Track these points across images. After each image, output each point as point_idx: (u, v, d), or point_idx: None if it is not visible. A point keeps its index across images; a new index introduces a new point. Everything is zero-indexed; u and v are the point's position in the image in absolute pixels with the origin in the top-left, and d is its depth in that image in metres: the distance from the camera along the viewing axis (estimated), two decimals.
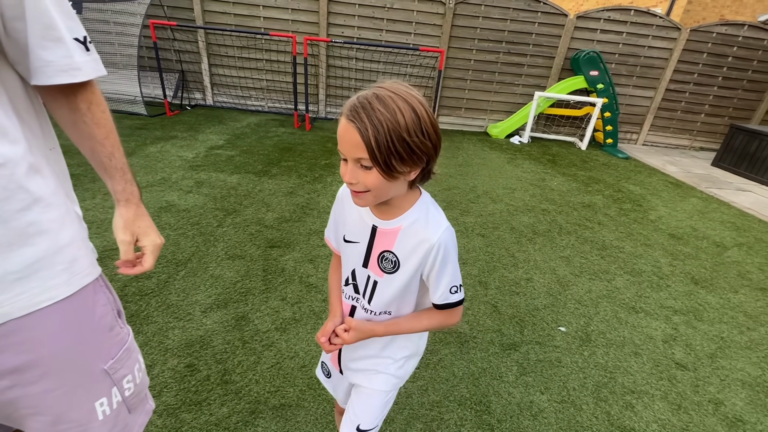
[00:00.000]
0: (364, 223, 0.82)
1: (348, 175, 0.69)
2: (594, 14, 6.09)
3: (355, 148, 0.65)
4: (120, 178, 0.77)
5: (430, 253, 0.76)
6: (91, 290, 0.70)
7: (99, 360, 0.71)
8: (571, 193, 4.15)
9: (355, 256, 0.85)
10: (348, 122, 0.65)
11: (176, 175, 3.52)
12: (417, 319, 0.86)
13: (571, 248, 2.96)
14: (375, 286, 0.84)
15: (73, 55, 0.65)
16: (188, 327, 1.80)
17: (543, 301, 2.28)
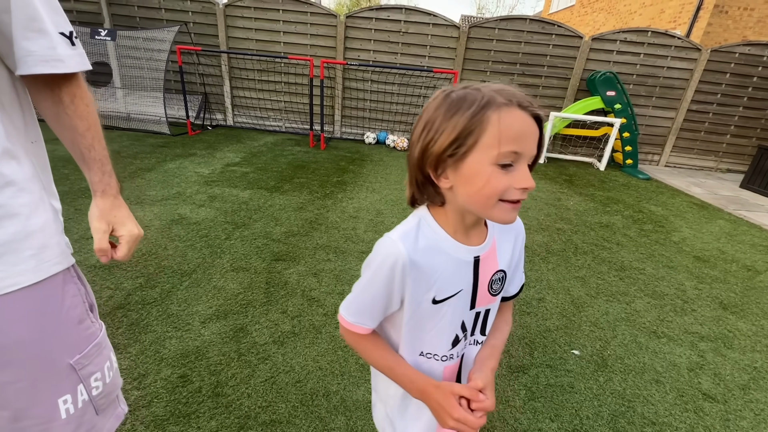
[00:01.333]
0: (462, 263, 0.64)
1: (530, 180, 0.55)
2: (610, 36, 6.08)
3: (536, 143, 0.56)
4: (98, 170, 0.77)
5: (517, 241, 0.71)
6: (61, 280, 0.69)
7: (65, 353, 0.69)
8: (588, 213, 4.01)
9: (460, 306, 0.66)
10: (526, 113, 0.54)
11: (191, 189, 3.61)
12: (502, 331, 0.76)
13: (587, 268, 2.83)
14: (488, 314, 0.72)
15: (56, 47, 0.66)
16: (186, 337, 1.78)
17: (555, 323, 2.16)
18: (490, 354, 0.71)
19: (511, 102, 0.54)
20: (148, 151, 4.75)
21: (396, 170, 4.99)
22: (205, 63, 6.42)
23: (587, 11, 12.63)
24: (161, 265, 2.35)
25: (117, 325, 1.81)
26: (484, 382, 0.64)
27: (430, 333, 0.67)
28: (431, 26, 6.08)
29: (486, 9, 24.40)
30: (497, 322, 0.76)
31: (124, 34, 5.97)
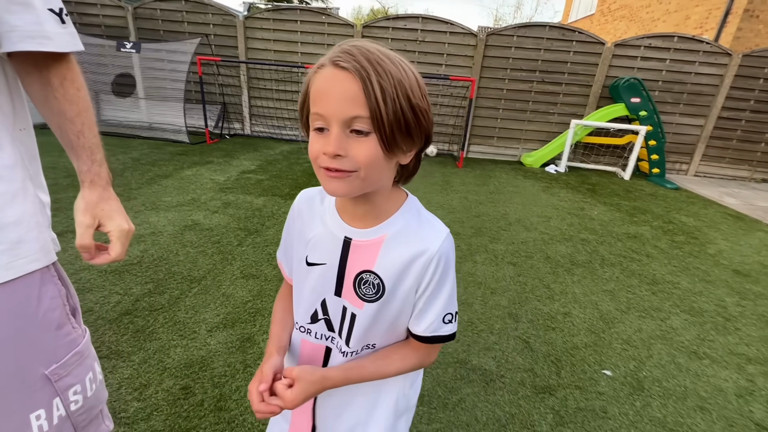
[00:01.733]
0: (332, 237, 0.62)
1: (333, 144, 0.48)
2: (633, 42, 5.90)
3: (350, 103, 0.47)
4: (86, 158, 0.70)
5: (428, 267, 0.58)
6: (38, 279, 0.62)
7: (38, 362, 0.62)
8: (614, 223, 3.81)
9: (323, 282, 0.63)
10: (338, 69, 0.47)
11: (206, 196, 3.60)
12: (386, 359, 0.64)
13: (616, 281, 2.64)
14: (353, 320, 0.62)
15: (43, 23, 0.60)
16: (191, 346, 1.71)
17: (584, 339, 2.00)
18: (347, 368, 0.63)
19: (326, 63, 0.49)
20: (166, 158, 4.82)
21: None
22: (225, 73, 6.54)
23: (608, 20, 12.42)
24: (171, 270, 2.30)
25: (122, 332, 1.76)
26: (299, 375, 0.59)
27: (299, 299, 0.68)
28: (448, 34, 6.04)
29: (503, 20, 24.35)
30: (393, 350, 0.66)
31: (148, 46, 6.15)
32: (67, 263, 2.25)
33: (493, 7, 40.84)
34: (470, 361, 1.77)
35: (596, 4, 13.08)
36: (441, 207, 3.87)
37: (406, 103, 0.49)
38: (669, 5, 9.52)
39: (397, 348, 0.66)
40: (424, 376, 1.64)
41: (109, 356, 1.61)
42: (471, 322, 2.07)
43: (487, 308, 2.21)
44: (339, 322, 0.64)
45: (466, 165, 5.97)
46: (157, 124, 6.59)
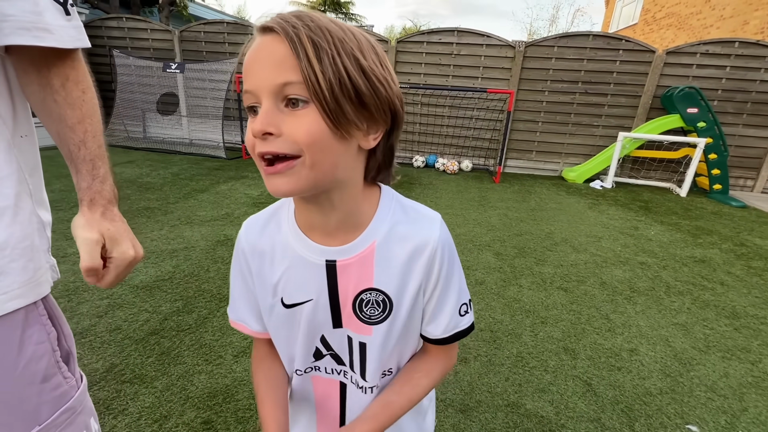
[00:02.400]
0: (309, 265, 0.50)
1: (260, 119, 0.38)
2: (688, 49, 5.49)
3: (278, 68, 0.37)
4: (87, 173, 0.59)
5: (433, 263, 0.50)
6: (21, 320, 0.50)
7: (18, 424, 0.49)
8: (676, 245, 3.42)
9: (314, 320, 0.53)
10: (265, 34, 0.38)
11: (239, 211, 3.59)
12: (411, 383, 0.56)
13: (688, 313, 2.30)
14: (363, 349, 0.54)
15: (42, 13, 0.50)
16: (216, 373, 1.59)
17: (657, 384, 1.70)
18: (376, 413, 0.53)
19: (255, 32, 0.40)
20: (204, 173, 4.92)
21: (447, 194, 4.71)
22: None
23: (653, 29, 11.83)
24: (201, 288, 2.23)
25: (148, 354, 1.68)
26: None
27: (288, 347, 0.57)
28: (484, 47, 5.89)
29: (537, 34, 23.95)
30: (413, 370, 0.57)
31: (191, 66, 6.43)
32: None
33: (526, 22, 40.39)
34: (523, 405, 1.54)
35: (639, 14, 12.53)
36: (479, 224, 3.65)
37: (353, 64, 0.39)
38: (723, 11, 8.91)
39: (416, 365, 0.58)
40: (470, 422, 1.43)
41: (133, 381, 1.52)
42: (521, 356, 1.83)
43: (538, 341, 1.96)
44: (348, 354, 0.55)
45: (504, 180, 5.70)
46: (197, 140, 6.82)
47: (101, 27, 6.74)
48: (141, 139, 6.81)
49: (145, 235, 2.90)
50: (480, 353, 1.84)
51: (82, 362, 1.59)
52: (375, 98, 0.41)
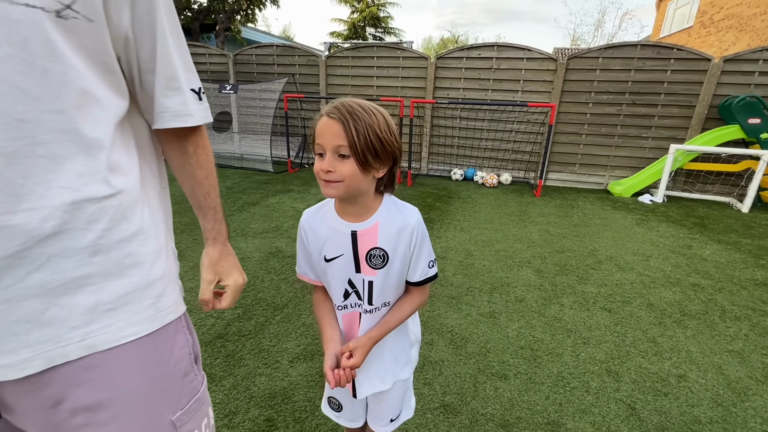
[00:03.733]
0: (341, 234, 0.86)
1: (326, 163, 0.75)
2: (748, 56, 5.17)
3: (336, 138, 0.73)
4: (211, 217, 0.78)
5: (411, 236, 0.86)
6: (173, 330, 0.67)
7: (168, 409, 0.66)
8: (734, 266, 3.24)
9: (344, 268, 0.87)
10: (329, 118, 0.74)
11: (287, 224, 3.84)
12: (401, 309, 0.92)
13: (745, 340, 2.20)
14: (371, 285, 0.88)
15: (187, 103, 0.69)
16: (274, 375, 1.77)
17: (707, 412, 1.67)
18: (380, 326, 0.90)
19: (324, 114, 0.76)
20: (254, 187, 5.28)
21: (486, 208, 4.73)
22: (307, 108, 7.09)
23: (710, 31, 11.13)
24: (258, 297, 2.45)
25: (215, 355, 1.89)
26: (354, 344, 0.86)
27: (331, 287, 0.91)
28: (525, 60, 5.88)
29: (581, 40, 23.17)
30: (401, 301, 0.93)
31: (243, 87, 6.94)
32: None
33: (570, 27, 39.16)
34: (564, 425, 1.57)
35: (695, 16, 11.84)
36: (518, 240, 3.65)
37: (374, 136, 0.75)
38: None
39: (403, 298, 0.94)
40: None
41: None
42: (561, 376, 1.86)
43: (580, 362, 1.97)
44: (364, 292, 0.89)
45: (545, 194, 5.61)
46: (247, 155, 7.31)
47: None
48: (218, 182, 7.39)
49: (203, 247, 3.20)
50: (520, 371, 1.88)
51: None
52: (384, 153, 0.78)
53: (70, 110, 0.52)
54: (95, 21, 0.53)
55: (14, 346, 0.52)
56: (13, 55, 0.46)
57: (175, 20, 0.66)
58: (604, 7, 32.29)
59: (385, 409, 1.02)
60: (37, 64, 0.48)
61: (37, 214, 0.50)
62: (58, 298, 0.54)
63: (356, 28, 20.56)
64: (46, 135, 0.50)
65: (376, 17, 20.38)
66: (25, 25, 0.46)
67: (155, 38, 0.62)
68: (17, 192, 0.48)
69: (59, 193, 0.51)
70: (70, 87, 0.52)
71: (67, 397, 0.56)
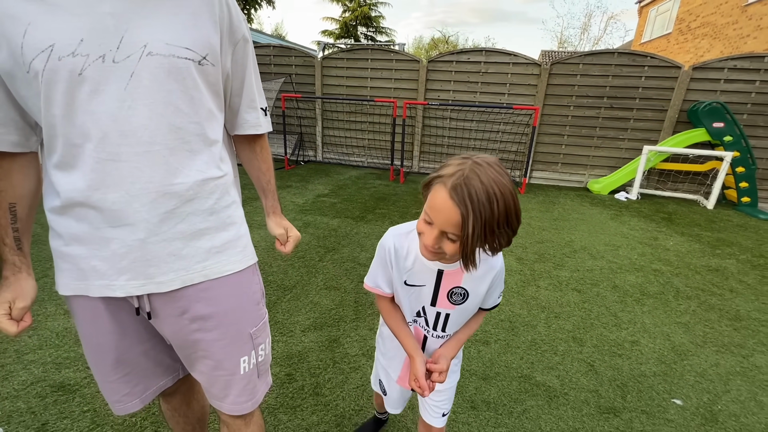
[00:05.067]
0: (428, 269, 0.92)
1: (433, 241, 0.77)
2: (715, 64, 5.60)
3: (451, 226, 0.73)
4: (271, 197, 1.09)
5: (494, 279, 0.94)
6: (252, 271, 0.96)
7: (249, 324, 0.94)
8: (693, 255, 3.63)
9: (421, 296, 0.96)
10: (450, 200, 0.71)
11: (289, 216, 4.11)
12: (470, 328, 1.04)
13: (692, 314, 2.57)
14: (447, 318, 0.98)
15: (259, 117, 0.98)
16: (290, 342, 2.06)
17: (652, 368, 2.01)
18: (453, 345, 1.01)
19: (447, 184, 0.72)
20: (253, 183, 5.51)
21: None
22: (303, 107, 7.34)
23: (687, 38, 11.69)
24: (268, 279, 2.73)
25: None
26: (440, 367, 0.95)
27: (402, 304, 1.01)
28: (511, 65, 6.23)
29: (568, 42, 23.79)
30: (469, 321, 1.03)
31: None
32: None
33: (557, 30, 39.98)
34: (534, 377, 1.90)
35: (674, 23, 12.40)
36: None
37: (489, 234, 0.73)
38: (761, 21, 8.79)
39: (472, 319, 1.04)
40: (489, 385, 1.81)
41: None
42: (534, 342, 2.18)
43: (551, 331, 2.30)
44: (434, 321, 1.00)
45: (529, 191, 5.98)
46: None
47: None
48: None
49: None
50: (499, 338, 2.21)
51: None
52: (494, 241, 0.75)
53: (203, 122, 0.81)
54: (216, 66, 0.82)
55: (166, 270, 0.80)
56: (177, 88, 0.75)
57: (255, 58, 0.95)
58: (590, 10, 33.10)
59: (440, 402, 1.12)
60: (189, 93, 0.77)
61: (184, 186, 0.79)
62: (191, 241, 0.82)
63: (348, 27, 20.76)
64: (190, 137, 0.79)
65: (367, 17, 20.62)
66: (184, 69, 0.75)
67: (245, 74, 0.91)
68: (174, 171, 0.77)
69: (195, 174, 0.80)
70: (203, 107, 0.81)
71: (190, 308, 0.85)
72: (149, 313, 0.85)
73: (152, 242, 0.78)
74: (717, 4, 10.34)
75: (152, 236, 0.78)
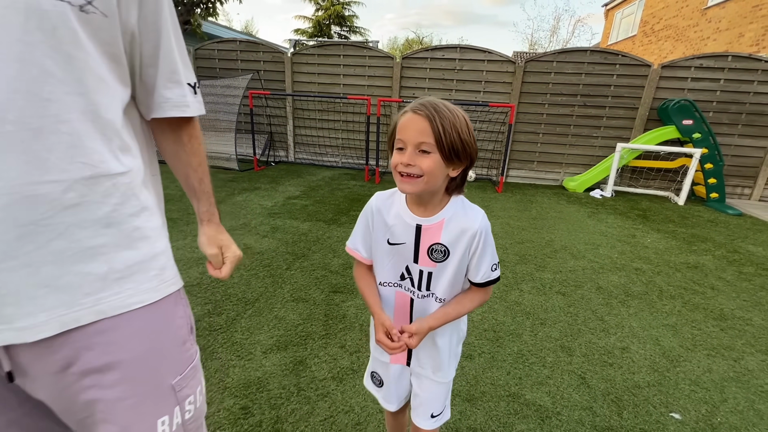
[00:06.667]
0: (407, 225, 0.91)
1: (407, 157, 0.79)
2: (682, 63, 5.71)
3: (421, 134, 0.77)
4: (206, 201, 0.83)
5: (474, 238, 0.88)
6: (173, 300, 0.71)
7: (168, 374, 0.70)
8: (671, 252, 3.59)
9: (403, 255, 0.93)
10: (415, 114, 0.78)
11: (255, 221, 3.81)
12: (461, 304, 0.94)
13: (678, 315, 2.47)
14: (430, 276, 0.92)
15: (186, 95, 0.73)
16: (248, 366, 1.79)
17: (646, 378, 1.88)
18: (438, 316, 0.93)
19: (409, 110, 0.80)
20: (219, 185, 5.16)
21: None
22: (273, 105, 6.99)
23: (651, 40, 12.09)
24: (227, 292, 2.44)
25: None
26: (413, 328, 0.89)
27: (386, 266, 0.96)
28: (486, 62, 6.14)
29: (538, 44, 24.31)
30: (463, 296, 0.96)
31: (205, 83, 6.73)
32: None
33: (527, 33, 40.97)
34: (523, 396, 1.72)
35: (638, 25, 12.81)
36: None
37: (456, 136, 0.78)
38: (719, 23, 9.15)
39: (465, 294, 0.96)
40: (475, 408, 1.61)
41: None
42: (521, 354, 2.01)
43: (538, 340, 2.14)
44: (418, 280, 0.94)
45: (506, 190, 5.90)
46: (211, 153, 7.10)
47: None
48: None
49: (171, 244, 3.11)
50: (484, 351, 2.02)
51: None
52: (464, 153, 0.81)
53: (90, 93, 0.56)
54: (109, 17, 0.57)
55: (32, 309, 0.55)
56: (43, 42, 0.50)
57: (176, 20, 0.70)
58: (559, 13, 34.03)
59: (428, 399, 1.04)
60: (63, 51, 0.52)
61: (59, 185, 0.54)
62: (73, 265, 0.57)
63: (321, 26, 20.39)
64: (69, 114, 0.54)
65: (341, 16, 20.32)
66: (54, 16, 0.50)
67: (159, 36, 0.66)
68: (42, 164, 0.52)
69: (79, 168, 0.55)
70: (90, 73, 0.56)
71: (77, 359, 0.59)
72: (10, 374, 0.59)
73: (5, 269, 0.53)
74: (678, 8, 10.73)
75: (6, 260, 0.53)
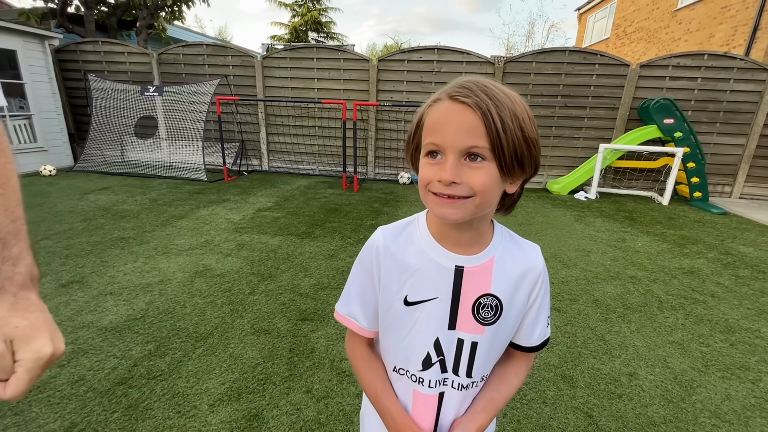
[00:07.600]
0: (440, 268, 0.60)
1: (449, 170, 0.50)
2: (660, 62, 5.66)
3: (469, 134, 0.49)
4: (15, 243, 0.47)
5: (537, 281, 0.62)
6: None
7: None
8: (663, 256, 3.42)
9: (435, 318, 0.60)
10: (457, 103, 0.50)
11: (219, 237, 3.45)
12: (506, 383, 0.66)
13: (683, 330, 2.26)
14: (474, 348, 0.61)
15: None
16: (189, 427, 1.45)
17: (660, 411, 1.63)
18: (484, 408, 0.64)
19: (443, 97, 0.52)
20: (183, 198, 4.76)
21: None
22: (243, 112, 6.63)
23: (624, 42, 12.28)
24: (176, 326, 2.09)
25: (113, 408, 1.52)
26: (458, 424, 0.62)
27: (402, 342, 0.63)
28: (464, 64, 5.97)
29: (514, 49, 24.64)
30: (505, 371, 0.67)
31: (170, 89, 6.32)
32: (66, 318, 2.08)
33: (504, 37, 41.69)
34: None
35: (611, 28, 13.02)
36: None
37: (520, 134, 0.50)
38: (690, 25, 9.31)
39: (507, 368, 0.67)
40: None
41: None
42: None
43: (535, 369, 1.87)
44: (453, 359, 0.62)
45: None
46: (177, 163, 6.67)
47: (76, 51, 6.61)
48: (119, 163, 6.62)
49: (117, 269, 2.73)
50: None
51: (36, 423, 1.43)
52: (530, 157, 0.53)
53: None
54: None
55: None
56: None
57: None
58: (533, 19, 34.77)
59: None
60: None
61: None
62: None
63: (298, 32, 20.07)
64: None
65: (318, 22, 20.05)
66: None
67: None
68: None
69: None
70: None
71: None
72: None
73: None
74: (649, 10, 10.91)
75: None
